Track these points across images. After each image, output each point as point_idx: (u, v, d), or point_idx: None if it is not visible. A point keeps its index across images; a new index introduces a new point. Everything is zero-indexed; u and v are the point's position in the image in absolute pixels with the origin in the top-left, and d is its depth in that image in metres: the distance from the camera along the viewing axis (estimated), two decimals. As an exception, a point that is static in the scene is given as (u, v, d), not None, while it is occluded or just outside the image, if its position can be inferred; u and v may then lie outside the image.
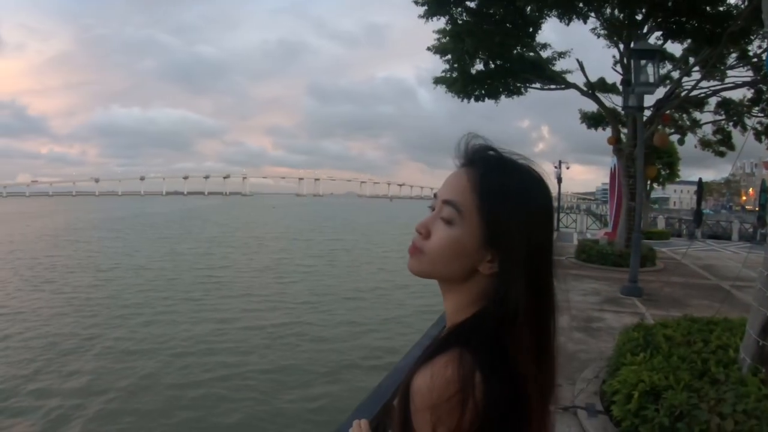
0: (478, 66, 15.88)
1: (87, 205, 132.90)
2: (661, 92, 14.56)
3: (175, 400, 9.15)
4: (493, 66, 15.76)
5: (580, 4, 14.09)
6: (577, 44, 16.11)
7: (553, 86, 16.52)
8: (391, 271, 23.39)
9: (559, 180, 31.81)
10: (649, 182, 26.28)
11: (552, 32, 25.05)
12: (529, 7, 13.63)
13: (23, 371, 10.44)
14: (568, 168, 36.24)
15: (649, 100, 13.32)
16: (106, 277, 21.12)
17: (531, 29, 14.90)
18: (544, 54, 15.72)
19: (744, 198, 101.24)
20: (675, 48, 16.54)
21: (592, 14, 14.60)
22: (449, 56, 15.59)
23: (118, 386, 9.67)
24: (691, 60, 15.79)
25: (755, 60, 14.83)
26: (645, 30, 14.00)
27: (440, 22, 14.40)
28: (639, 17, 13.86)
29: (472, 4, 13.92)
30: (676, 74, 16.95)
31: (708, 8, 12.99)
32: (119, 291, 18.19)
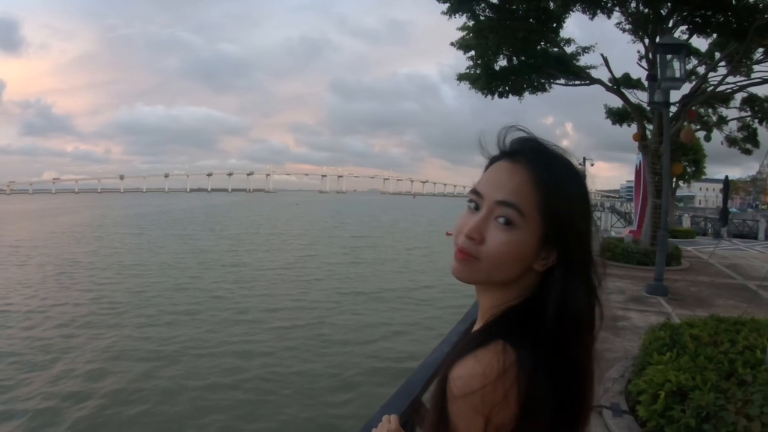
0: (502, 62, 15.84)
1: (112, 201, 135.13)
2: (686, 88, 14.35)
3: (191, 402, 8.98)
4: (516, 62, 15.68)
5: (604, -1, 13.96)
6: (601, 39, 15.98)
7: (577, 82, 16.36)
8: (415, 270, 23.40)
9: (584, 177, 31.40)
10: (674, 180, 25.92)
11: (575, 27, 24.78)
12: (552, 3, 13.52)
13: (29, 371, 10.34)
14: (592, 165, 35.89)
15: (675, 96, 13.14)
16: (130, 274, 21.33)
17: (554, 24, 14.79)
18: (568, 49, 15.61)
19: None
20: (701, 43, 16.30)
21: (617, 9, 14.45)
22: (473, 52, 15.54)
23: (133, 387, 9.49)
24: (717, 55, 15.54)
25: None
26: (670, 24, 13.80)
27: (463, 19, 14.34)
28: (664, 11, 13.68)
29: (494, 0, 13.83)
30: (701, 69, 16.70)
31: (734, 2, 12.78)
32: (141, 289, 18.28)
